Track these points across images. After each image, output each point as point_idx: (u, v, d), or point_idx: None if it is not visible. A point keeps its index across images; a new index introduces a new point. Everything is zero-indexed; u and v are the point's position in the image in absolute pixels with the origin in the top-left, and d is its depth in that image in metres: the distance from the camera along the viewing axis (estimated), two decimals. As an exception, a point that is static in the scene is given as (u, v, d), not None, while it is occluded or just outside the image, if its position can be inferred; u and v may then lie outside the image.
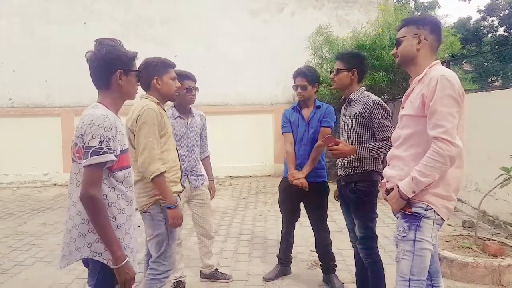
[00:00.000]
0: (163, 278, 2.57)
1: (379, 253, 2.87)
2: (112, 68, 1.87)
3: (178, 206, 2.56)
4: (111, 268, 1.83)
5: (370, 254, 2.83)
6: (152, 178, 2.42)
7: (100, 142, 1.74)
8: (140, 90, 2.22)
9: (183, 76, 3.19)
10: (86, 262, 1.92)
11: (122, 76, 1.90)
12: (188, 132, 3.32)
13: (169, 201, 2.48)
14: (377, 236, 2.87)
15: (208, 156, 3.68)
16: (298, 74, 3.33)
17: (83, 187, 1.75)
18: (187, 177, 3.33)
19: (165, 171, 2.45)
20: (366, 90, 2.93)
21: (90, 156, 1.73)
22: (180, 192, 2.70)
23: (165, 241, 2.54)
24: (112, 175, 1.84)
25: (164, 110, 2.64)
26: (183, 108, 3.33)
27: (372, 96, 2.84)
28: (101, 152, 1.74)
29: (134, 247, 1.96)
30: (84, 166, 1.75)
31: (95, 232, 1.81)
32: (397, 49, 2.17)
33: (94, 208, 1.74)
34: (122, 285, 1.82)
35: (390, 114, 2.78)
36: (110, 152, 1.77)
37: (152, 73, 2.56)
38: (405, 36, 2.12)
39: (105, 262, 1.83)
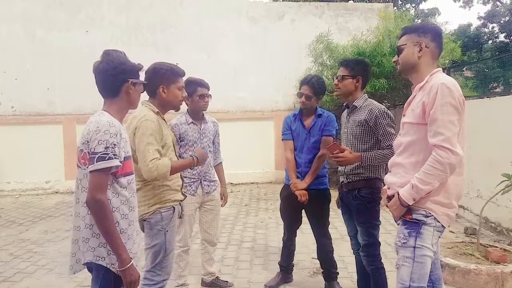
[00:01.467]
0: None
1: (382, 260, 2.87)
2: (124, 78, 1.96)
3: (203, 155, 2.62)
4: (113, 273, 1.86)
5: (373, 261, 2.82)
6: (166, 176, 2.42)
7: (106, 148, 1.80)
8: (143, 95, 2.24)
9: (197, 83, 3.25)
10: (91, 267, 1.94)
11: (131, 86, 1.98)
12: (201, 138, 3.35)
13: (190, 163, 2.60)
14: (380, 243, 2.86)
15: (221, 162, 3.68)
16: (307, 83, 3.30)
17: (89, 192, 1.80)
18: (200, 182, 3.35)
19: (169, 166, 2.38)
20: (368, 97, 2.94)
21: (96, 162, 1.79)
22: (181, 200, 2.66)
23: (162, 252, 2.47)
24: (116, 181, 1.89)
25: (164, 120, 2.59)
26: (196, 114, 3.36)
27: (377, 103, 2.84)
28: (107, 157, 1.80)
29: (136, 252, 1.99)
30: (90, 172, 1.80)
31: (98, 237, 1.85)
32: (398, 56, 2.18)
33: (100, 212, 1.78)
34: (128, 287, 1.85)
35: (395, 121, 2.78)
36: (115, 158, 1.82)
37: (159, 80, 2.48)
38: (406, 44, 2.12)
39: (107, 266, 1.86)
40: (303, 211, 3.48)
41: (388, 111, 2.80)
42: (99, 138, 1.81)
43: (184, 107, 3.28)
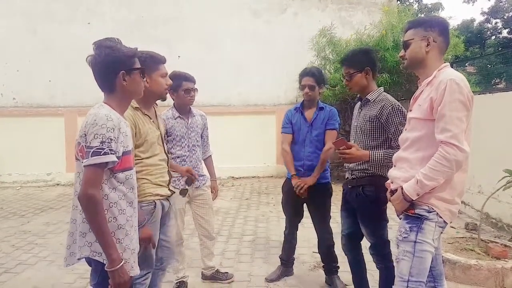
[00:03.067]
0: (143, 281, 2.47)
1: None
2: (114, 71, 1.86)
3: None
4: None
5: (382, 260, 2.76)
6: None
7: (102, 142, 1.73)
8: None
9: (182, 77, 3.17)
10: (89, 261, 1.91)
11: (126, 76, 1.88)
12: (189, 132, 3.32)
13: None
14: (389, 241, 2.75)
15: (210, 156, 3.67)
16: (307, 73, 3.29)
17: (82, 187, 1.74)
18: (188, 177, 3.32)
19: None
20: None
21: (91, 156, 1.72)
22: (168, 196, 2.56)
23: (142, 246, 2.37)
24: (114, 176, 1.83)
25: (147, 114, 2.47)
26: (183, 108, 3.31)
27: (391, 99, 2.67)
28: (102, 152, 1.72)
29: (135, 248, 1.94)
30: (84, 166, 1.74)
31: None
32: (404, 51, 2.13)
33: (92, 209, 1.72)
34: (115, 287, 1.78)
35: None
36: (111, 153, 1.75)
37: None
38: (413, 39, 2.08)
39: (104, 262, 1.80)
40: (304, 205, 3.48)
41: (402, 107, 2.62)
42: (96, 132, 1.74)
43: (170, 100, 3.23)
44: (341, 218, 2.99)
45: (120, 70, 1.86)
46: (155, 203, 2.45)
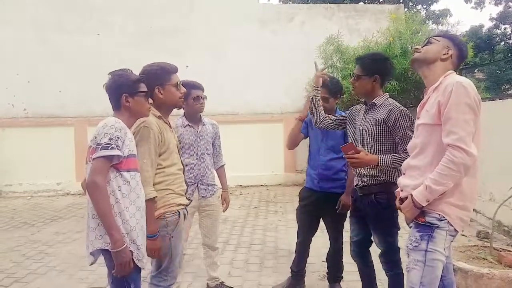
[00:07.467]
0: None
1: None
2: (118, 93, 2.16)
3: (158, 237, 2.32)
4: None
5: (392, 267, 2.73)
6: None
7: (110, 139, 1.99)
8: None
9: (190, 86, 3.18)
10: (103, 258, 2.09)
11: (129, 98, 2.16)
12: (198, 140, 3.32)
13: (150, 230, 2.24)
14: (399, 248, 2.73)
15: (223, 166, 3.64)
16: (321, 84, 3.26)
17: (89, 176, 1.97)
18: (197, 186, 3.31)
19: (156, 196, 2.31)
20: None
21: (100, 150, 1.97)
22: (186, 205, 2.59)
23: (167, 257, 2.41)
24: (120, 174, 2.04)
25: (167, 123, 2.52)
26: (193, 117, 3.33)
27: (398, 104, 2.66)
28: (109, 147, 1.97)
29: (141, 244, 2.10)
30: (93, 159, 1.98)
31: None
32: (423, 46, 2.17)
33: (97, 194, 1.94)
34: (118, 268, 1.98)
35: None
36: (117, 149, 1.99)
37: (153, 82, 2.37)
38: (439, 42, 2.13)
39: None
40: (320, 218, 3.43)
41: (409, 113, 2.60)
42: (105, 131, 2.01)
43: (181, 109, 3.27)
44: (350, 223, 2.95)
45: (123, 92, 2.15)
46: (179, 212, 2.48)
